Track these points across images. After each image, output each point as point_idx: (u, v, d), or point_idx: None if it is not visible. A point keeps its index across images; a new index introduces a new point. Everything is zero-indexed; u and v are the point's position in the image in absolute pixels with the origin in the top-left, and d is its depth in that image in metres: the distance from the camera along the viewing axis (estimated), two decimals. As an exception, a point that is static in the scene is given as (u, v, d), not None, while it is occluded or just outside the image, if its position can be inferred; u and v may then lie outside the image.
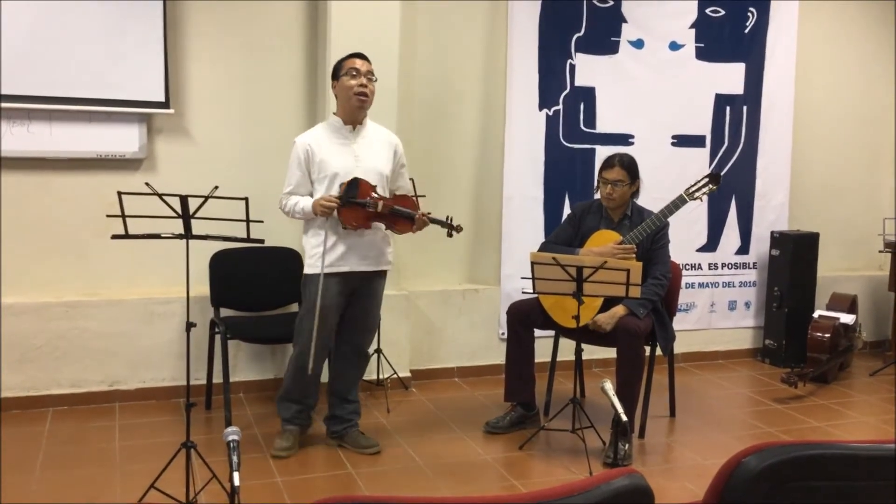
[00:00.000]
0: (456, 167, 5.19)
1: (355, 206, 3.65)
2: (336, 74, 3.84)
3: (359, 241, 3.77)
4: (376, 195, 3.70)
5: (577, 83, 5.30)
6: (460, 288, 5.25)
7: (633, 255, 4.03)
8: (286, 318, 4.41)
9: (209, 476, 3.26)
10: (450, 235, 3.90)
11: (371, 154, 3.82)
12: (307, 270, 3.82)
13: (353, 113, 3.81)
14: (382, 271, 3.92)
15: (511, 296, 4.91)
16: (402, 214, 3.74)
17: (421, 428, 4.32)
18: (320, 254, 3.72)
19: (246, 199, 3.42)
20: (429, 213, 3.81)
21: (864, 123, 6.20)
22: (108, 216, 3.32)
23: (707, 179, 4.23)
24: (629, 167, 4.19)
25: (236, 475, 2.43)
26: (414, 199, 3.91)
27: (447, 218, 3.86)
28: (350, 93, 3.75)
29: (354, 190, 3.64)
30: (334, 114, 3.88)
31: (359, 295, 3.87)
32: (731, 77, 5.67)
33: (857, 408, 4.92)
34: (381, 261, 3.88)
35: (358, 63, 3.79)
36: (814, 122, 6.01)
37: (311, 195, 3.78)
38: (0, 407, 4.30)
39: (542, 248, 4.33)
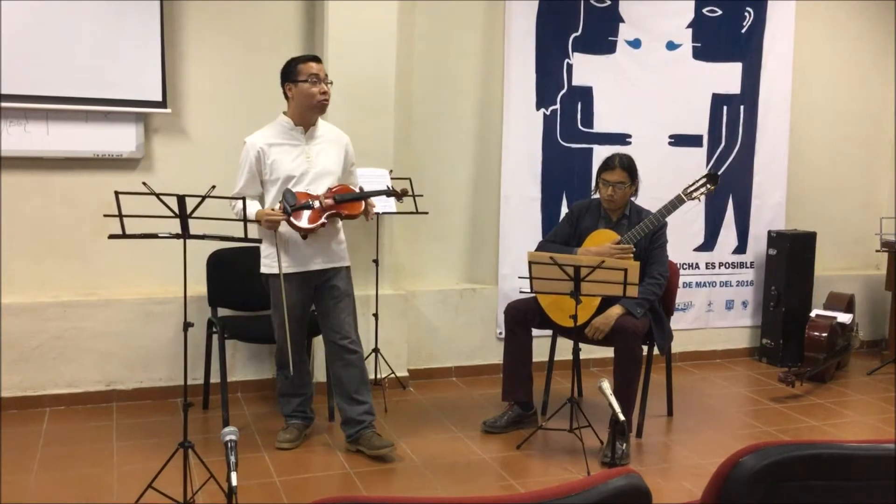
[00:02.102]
0: (453, 167, 5.19)
1: (301, 210, 3.68)
2: (291, 77, 3.77)
3: (303, 243, 3.76)
4: (313, 194, 3.72)
5: (574, 83, 5.30)
6: (458, 287, 5.25)
7: (631, 255, 4.04)
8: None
9: (207, 476, 3.26)
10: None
11: (323, 155, 3.83)
12: (262, 270, 3.85)
13: (309, 116, 3.81)
14: (338, 268, 3.90)
15: (509, 295, 4.91)
16: (347, 197, 3.76)
17: (418, 427, 4.32)
18: (266, 255, 3.80)
19: (243, 198, 3.42)
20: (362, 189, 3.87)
21: (861, 123, 6.20)
22: (105, 216, 3.31)
23: (705, 179, 4.23)
24: (629, 168, 4.19)
25: (234, 475, 2.43)
26: (347, 186, 3.89)
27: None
28: (313, 101, 3.75)
29: (293, 198, 3.67)
30: (284, 113, 3.84)
31: (320, 291, 3.89)
32: (727, 76, 5.67)
33: (854, 407, 4.92)
34: (332, 258, 3.87)
35: (315, 67, 3.77)
36: (811, 121, 6.01)
37: (262, 196, 3.80)
38: (-3, 407, 4.31)
39: (540, 247, 4.34)
